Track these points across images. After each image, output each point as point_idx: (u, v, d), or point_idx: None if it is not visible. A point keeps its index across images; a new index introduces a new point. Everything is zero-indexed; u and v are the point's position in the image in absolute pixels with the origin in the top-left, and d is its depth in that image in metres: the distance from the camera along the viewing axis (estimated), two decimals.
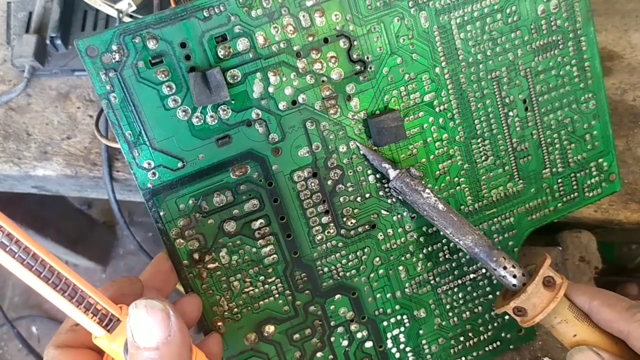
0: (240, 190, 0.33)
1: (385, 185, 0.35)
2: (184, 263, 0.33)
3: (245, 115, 0.32)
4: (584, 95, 0.37)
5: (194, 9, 0.30)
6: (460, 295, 0.39)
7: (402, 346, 0.38)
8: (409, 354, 0.39)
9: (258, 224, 0.34)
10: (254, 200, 0.33)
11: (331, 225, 0.35)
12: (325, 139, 0.34)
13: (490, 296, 0.39)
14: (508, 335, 0.41)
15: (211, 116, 0.32)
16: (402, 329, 0.38)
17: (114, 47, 0.29)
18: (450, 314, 0.39)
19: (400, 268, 0.37)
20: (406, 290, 0.38)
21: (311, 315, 0.36)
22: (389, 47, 0.33)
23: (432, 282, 0.38)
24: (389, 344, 0.38)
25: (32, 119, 0.50)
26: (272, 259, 0.35)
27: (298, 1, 0.31)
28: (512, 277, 0.32)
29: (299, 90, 0.33)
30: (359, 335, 0.37)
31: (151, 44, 0.30)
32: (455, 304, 0.39)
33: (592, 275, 0.46)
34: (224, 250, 0.34)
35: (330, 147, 0.34)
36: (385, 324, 0.38)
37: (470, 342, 0.40)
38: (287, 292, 0.35)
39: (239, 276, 0.34)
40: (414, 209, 0.35)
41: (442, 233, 0.36)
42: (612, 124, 0.39)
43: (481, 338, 0.40)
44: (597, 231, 0.48)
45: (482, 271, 0.39)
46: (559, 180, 0.39)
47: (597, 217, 0.47)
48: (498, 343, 0.40)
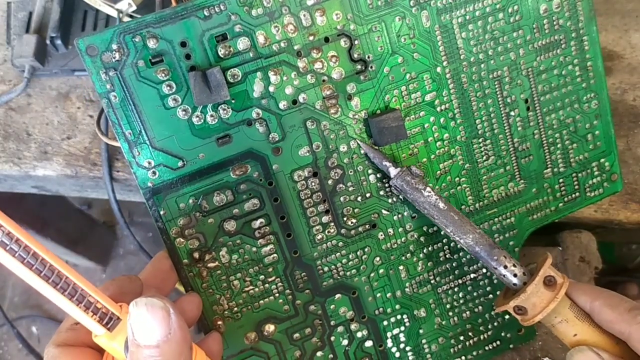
0: (240, 189, 0.33)
1: (386, 185, 0.35)
2: (184, 262, 0.33)
3: (246, 114, 0.32)
4: (586, 95, 0.37)
5: (194, 8, 0.30)
6: (461, 295, 0.39)
7: (402, 345, 0.38)
8: (409, 354, 0.39)
9: (258, 223, 0.34)
10: (254, 199, 0.33)
11: (331, 224, 0.35)
12: (326, 138, 0.34)
13: (491, 296, 0.39)
14: (508, 335, 0.41)
15: (211, 115, 0.31)
16: (402, 328, 0.38)
17: (114, 46, 0.29)
18: (450, 314, 0.39)
19: (401, 267, 0.37)
20: (406, 289, 0.38)
21: (311, 314, 0.36)
22: (390, 47, 0.33)
23: (432, 282, 0.38)
24: (389, 343, 0.38)
25: (32, 119, 0.50)
26: (272, 258, 0.34)
27: (299, 0, 0.31)
28: (512, 276, 0.32)
29: (300, 89, 0.32)
30: (359, 334, 0.37)
31: (151, 43, 0.30)
32: (455, 303, 0.39)
33: (592, 276, 0.46)
34: (224, 249, 0.34)
35: (330, 147, 0.34)
36: (385, 323, 0.38)
37: (470, 341, 0.40)
38: (287, 292, 0.35)
39: (239, 275, 0.34)
40: (414, 208, 0.35)
41: (442, 232, 0.36)
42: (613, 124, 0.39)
43: (481, 337, 0.40)
44: (597, 231, 0.48)
45: (483, 271, 0.39)
46: (561, 180, 0.39)
47: (597, 217, 0.47)
48: (498, 342, 0.40)
